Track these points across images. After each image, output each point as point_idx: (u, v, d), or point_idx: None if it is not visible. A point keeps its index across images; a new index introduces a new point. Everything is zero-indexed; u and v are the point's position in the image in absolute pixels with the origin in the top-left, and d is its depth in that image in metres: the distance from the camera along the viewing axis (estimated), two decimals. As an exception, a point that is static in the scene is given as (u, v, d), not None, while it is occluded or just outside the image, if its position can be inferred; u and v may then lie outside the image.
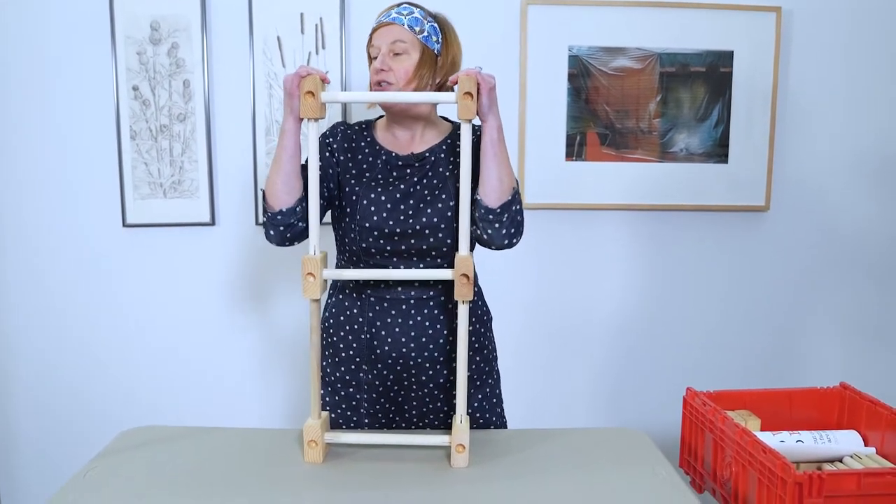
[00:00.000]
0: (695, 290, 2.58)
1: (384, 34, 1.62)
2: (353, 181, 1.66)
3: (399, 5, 1.66)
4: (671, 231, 2.54)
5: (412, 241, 1.63)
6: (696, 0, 2.40)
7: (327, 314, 1.74)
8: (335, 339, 1.71)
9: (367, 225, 1.62)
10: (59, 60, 2.37)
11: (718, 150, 2.48)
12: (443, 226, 1.62)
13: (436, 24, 1.66)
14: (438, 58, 1.65)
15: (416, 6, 1.66)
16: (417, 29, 1.61)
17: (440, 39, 1.65)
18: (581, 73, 2.42)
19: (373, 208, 1.62)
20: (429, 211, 1.62)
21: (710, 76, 2.44)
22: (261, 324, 2.53)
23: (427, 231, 1.62)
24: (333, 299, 1.74)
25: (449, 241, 1.63)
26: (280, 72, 2.38)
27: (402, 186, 1.64)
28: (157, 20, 2.34)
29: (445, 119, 1.77)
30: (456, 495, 1.39)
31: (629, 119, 2.45)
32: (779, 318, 2.61)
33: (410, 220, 1.62)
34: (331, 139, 1.71)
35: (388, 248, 1.63)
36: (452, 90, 1.54)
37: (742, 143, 2.48)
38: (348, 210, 1.65)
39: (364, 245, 1.64)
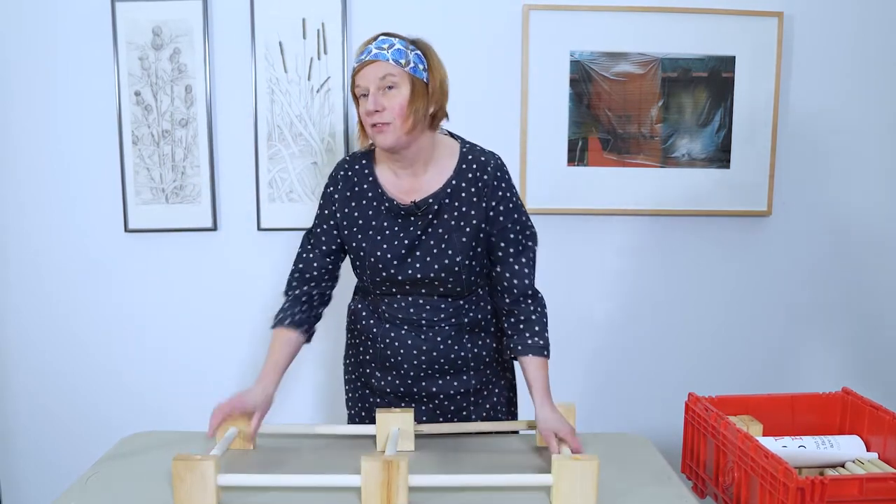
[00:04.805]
0: (697, 295, 2.58)
1: (369, 73, 1.51)
2: (359, 235, 1.65)
3: (376, 39, 1.55)
4: (673, 236, 2.54)
5: (422, 290, 1.66)
6: (697, 5, 2.41)
7: (352, 317, 1.79)
8: (358, 340, 1.77)
9: (378, 279, 1.65)
10: (62, 66, 2.38)
11: (720, 156, 2.48)
12: (451, 279, 1.63)
13: (419, 52, 1.56)
14: (428, 86, 1.56)
15: (395, 36, 1.56)
16: (403, 61, 1.52)
17: (426, 66, 1.56)
18: (583, 78, 2.42)
19: (380, 266, 1.63)
20: (436, 266, 1.62)
21: (712, 81, 2.44)
22: (262, 329, 2.51)
23: (436, 282, 1.64)
24: (356, 305, 1.78)
25: (459, 288, 1.65)
26: (282, 77, 2.38)
27: (406, 240, 1.62)
28: (159, 25, 2.35)
29: (450, 135, 1.70)
30: (459, 498, 1.39)
31: (631, 124, 2.45)
32: (781, 322, 2.60)
33: (419, 275, 1.63)
34: (332, 188, 1.69)
35: (401, 292, 1.67)
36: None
37: (744, 148, 2.47)
38: (357, 262, 1.68)
39: (378, 292, 1.69)
